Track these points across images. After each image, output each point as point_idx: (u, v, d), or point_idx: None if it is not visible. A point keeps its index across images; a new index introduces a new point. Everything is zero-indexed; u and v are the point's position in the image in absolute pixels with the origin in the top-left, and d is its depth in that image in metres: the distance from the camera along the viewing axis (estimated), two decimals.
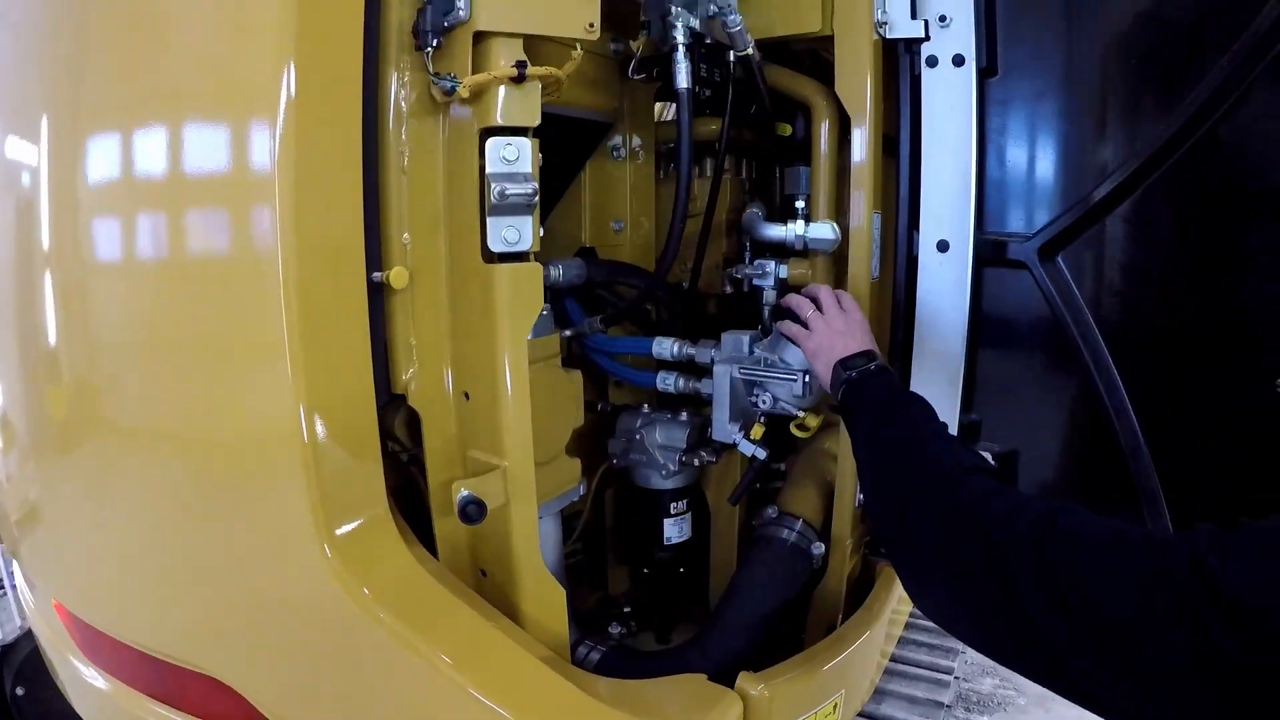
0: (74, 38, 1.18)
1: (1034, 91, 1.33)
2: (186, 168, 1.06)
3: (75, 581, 1.41)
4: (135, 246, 1.12)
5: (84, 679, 1.42)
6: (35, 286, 1.22)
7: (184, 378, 1.12)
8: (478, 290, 1.18)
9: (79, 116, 1.16)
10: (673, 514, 1.61)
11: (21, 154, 1.23)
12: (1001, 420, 1.44)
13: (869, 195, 1.41)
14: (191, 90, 1.07)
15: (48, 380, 1.27)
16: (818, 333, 1.30)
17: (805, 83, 1.49)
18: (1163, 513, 1.27)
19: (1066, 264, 1.33)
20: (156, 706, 1.29)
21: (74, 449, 1.29)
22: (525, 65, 1.10)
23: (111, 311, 1.17)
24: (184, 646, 1.23)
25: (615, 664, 1.40)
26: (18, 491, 1.50)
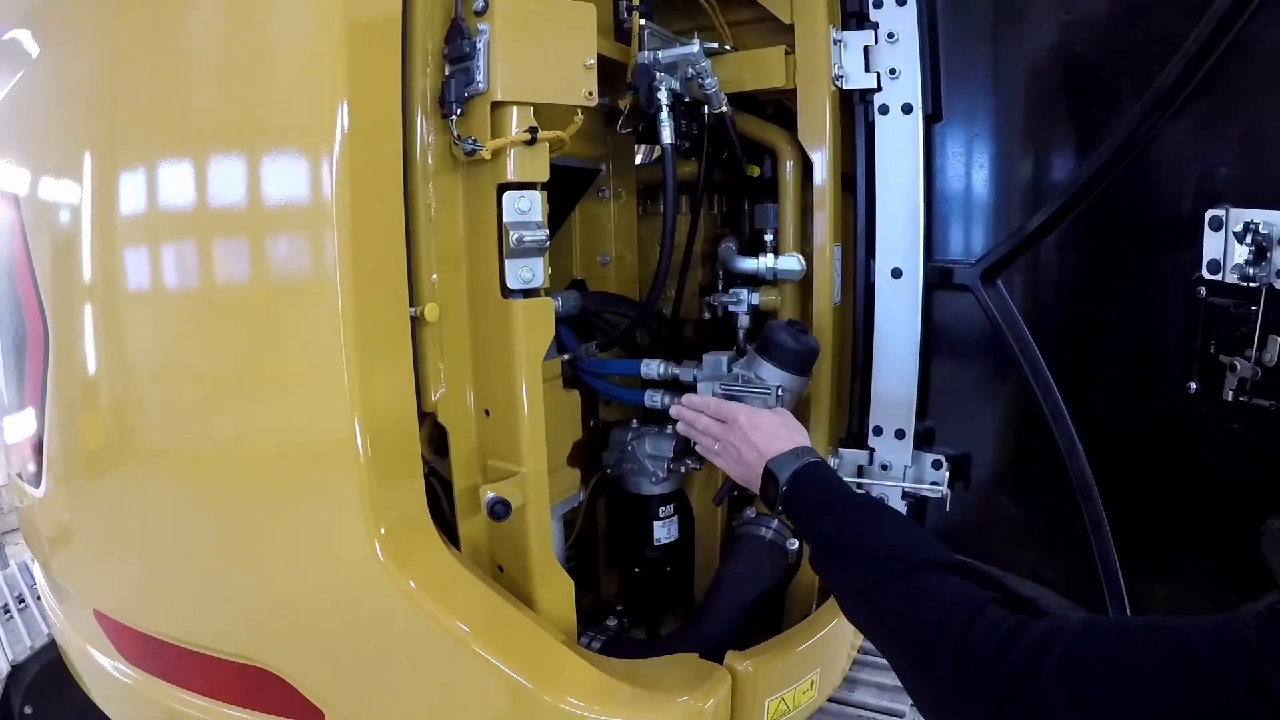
0: (152, 81, 1.39)
1: (974, 134, 1.59)
2: (249, 204, 1.27)
3: (125, 589, 1.61)
4: (212, 278, 1.33)
5: (124, 682, 1.62)
6: (123, 314, 1.42)
7: (250, 396, 1.34)
8: (497, 322, 1.42)
9: (165, 154, 1.36)
10: (661, 517, 1.85)
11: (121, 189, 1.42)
12: (953, 426, 1.70)
13: (830, 229, 1.67)
14: (253, 129, 1.29)
15: (120, 401, 1.47)
16: (729, 448, 1.46)
17: (771, 130, 1.75)
18: (1096, 501, 1.52)
19: (1005, 286, 1.59)
20: (203, 701, 1.50)
21: (140, 466, 1.50)
22: (536, 130, 1.34)
23: (186, 337, 1.38)
24: (237, 641, 1.44)
25: (615, 651, 1.62)
26: (58, 510, 1.69)
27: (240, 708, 1.44)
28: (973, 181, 1.61)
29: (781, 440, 1.39)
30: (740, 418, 1.45)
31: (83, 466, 1.60)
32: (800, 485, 1.30)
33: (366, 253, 1.24)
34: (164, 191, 1.33)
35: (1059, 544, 1.58)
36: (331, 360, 1.23)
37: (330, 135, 1.19)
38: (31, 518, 1.82)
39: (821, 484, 1.31)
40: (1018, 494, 1.67)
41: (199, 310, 1.35)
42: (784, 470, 1.33)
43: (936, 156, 1.63)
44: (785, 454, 1.35)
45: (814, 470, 1.32)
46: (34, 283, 1.52)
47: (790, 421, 1.46)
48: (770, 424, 1.43)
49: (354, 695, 1.40)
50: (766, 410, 1.48)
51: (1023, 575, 1.62)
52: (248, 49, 1.28)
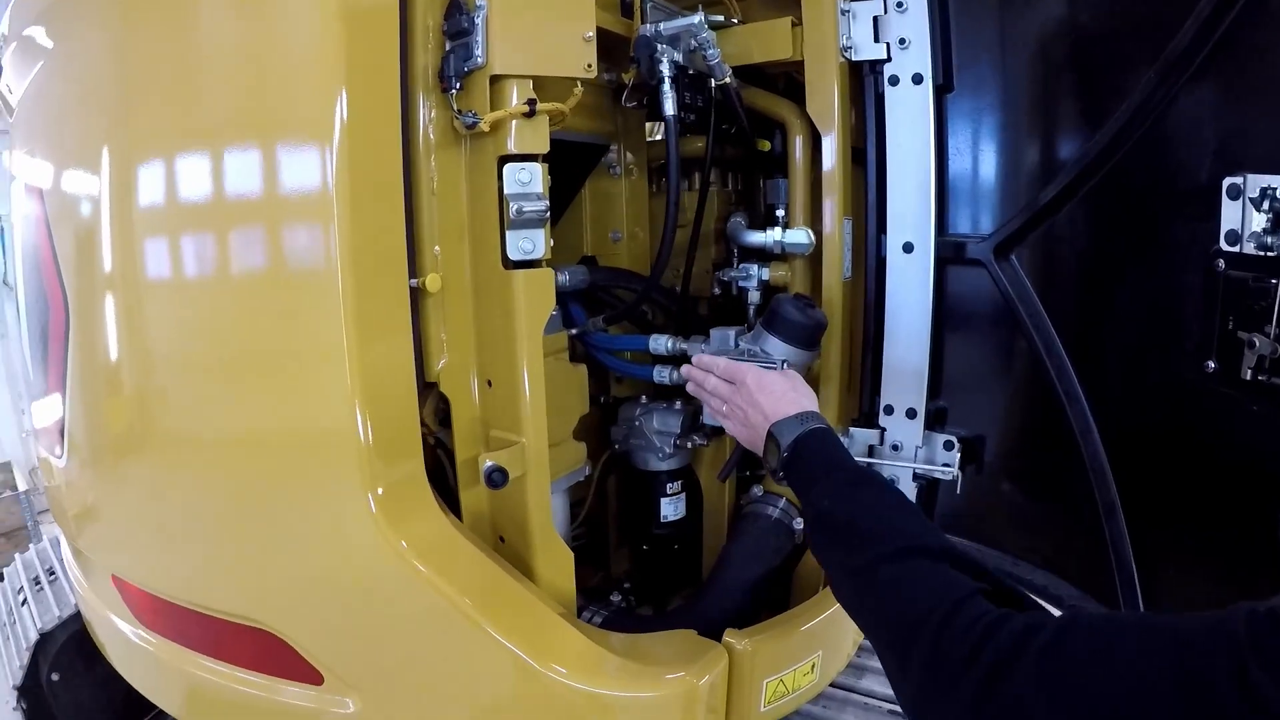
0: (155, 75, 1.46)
1: (985, 105, 1.58)
2: (252, 190, 1.34)
3: (138, 555, 1.70)
4: (217, 261, 1.40)
5: (140, 646, 1.71)
6: (132, 298, 1.50)
7: (255, 368, 1.40)
8: (498, 293, 1.46)
9: (168, 146, 1.43)
10: (669, 494, 1.88)
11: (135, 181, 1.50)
12: (966, 406, 1.69)
13: (839, 203, 1.68)
14: (255, 120, 1.34)
15: (131, 380, 1.55)
16: (736, 410, 1.46)
17: (780, 103, 1.76)
18: (1110, 485, 1.50)
19: (1019, 261, 1.58)
20: (213, 664, 1.57)
21: (149, 439, 1.58)
22: (535, 103, 1.37)
23: (193, 317, 1.45)
24: (241, 603, 1.51)
25: (615, 626, 1.66)
26: (77, 482, 1.79)
27: (246, 669, 1.51)
28: (985, 153, 1.60)
29: (788, 404, 1.37)
30: (748, 379, 1.44)
31: (98, 441, 1.70)
32: (801, 452, 1.29)
33: (366, 233, 1.29)
34: (170, 180, 1.40)
35: (1071, 530, 1.56)
36: (332, 332, 1.28)
37: (330, 122, 1.24)
38: (56, 491, 1.92)
39: (821, 452, 1.29)
40: (1030, 477, 1.66)
41: (206, 291, 1.42)
42: (786, 435, 1.31)
43: (948, 128, 1.61)
44: (790, 418, 1.34)
45: (816, 437, 1.30)
46: (57, 270, 1.60)
47: (799, 385, 1.44)
48: (778, 386, 1.42)
49: (351, 659, 1.45)
50: (775, 372, 1.46)
51: (1034, 562, 1.61)
52: (248, 38, 1.34)
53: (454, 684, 1.42)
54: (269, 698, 1.49)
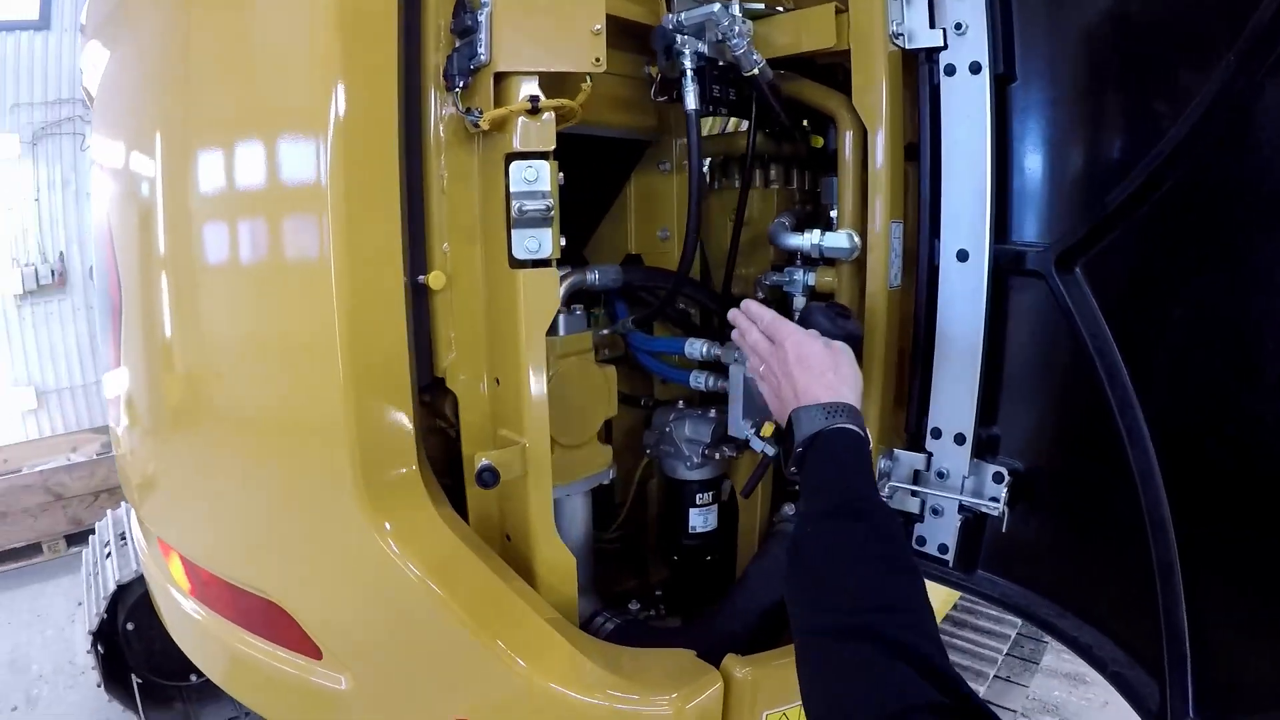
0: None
1: (1050, 97, 1.42)
2: (251, 184, 1.45)
3: (175, 524, 1.89)
4: (228, 254, 1.52)
5: (180, 607, 1.89)
6: (148, 288, 1.66)
7: (256, 359, 1.52)
8: (504, 291, 1.48)
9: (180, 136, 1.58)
10: (698, 504, 1.84)
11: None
12: (1020, 436, 1.53)
13: (887, 204, 1.56)
14: (254, 115, 1.45)
15: (160, 363, 1.73)
16: (771, 374, 1.33)
17: (829, 95, 1.66)
18: (1170, 542, 1.31)
19: (1084, 274, 1.41)
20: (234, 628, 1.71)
21: (175, 425, 1.75)
22: (538, 99, 1.38)
23: (212, 307, 1.59)
24: (248, 572, 1.64)
25: (625, 635, 1.65)
26: (133, 458, 1.99)
27: (261, 638, 1.63)
28: (1049, 151, 1.43)
29: (824, 387, 1.24)
30: (788, 342, 1.31)
31: (138, 414, 1.89)
32: (814, 452, 1.17)
33: (358, 228, 1.35)
34: (187, 173, 1.54)
35: (1125, 587, 1.37)
36: (324, 325, 1.36)
37: (324, 117, 1.30)
38: (120, 459, 2.17)
39: (831, 461, 1.15)
40: (1083, 522, 1.47)
41: (214, 280, 1.55)
42: (806, 426, 1.19)
43: (1009, 122, 1.46)
44: (817, 406, 1.21)
45: (835, 439, 1.17)
46: (114, 252, 1.80)
47: (843, 365, 1.30)
48: (819, 361, 1.28)
49: (343, 639, 1.54)
50: (818, 343, 1.31)
51: (1081, 616, 1.43)
52: (248, 37, 1.45)
53: (435, 676, 1.47)
54: (276, 665, 1.60)
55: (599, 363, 1.72)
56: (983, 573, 1.59)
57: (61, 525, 4.74)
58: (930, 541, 1.64)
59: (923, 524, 1.65)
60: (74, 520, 4.74)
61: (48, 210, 5.92)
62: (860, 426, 1.21)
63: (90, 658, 2.62)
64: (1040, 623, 1.49)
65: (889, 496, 1.65)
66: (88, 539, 3.21)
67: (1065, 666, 2.59)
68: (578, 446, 1.67)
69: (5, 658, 3.59)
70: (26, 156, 5.82)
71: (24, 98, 5.76)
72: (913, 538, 1.66)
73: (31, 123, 5.79)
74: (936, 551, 1.62)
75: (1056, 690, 2.84)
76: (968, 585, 1.60)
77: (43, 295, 5.92)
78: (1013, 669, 2.56)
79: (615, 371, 1.73)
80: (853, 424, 1.20)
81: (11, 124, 5.75)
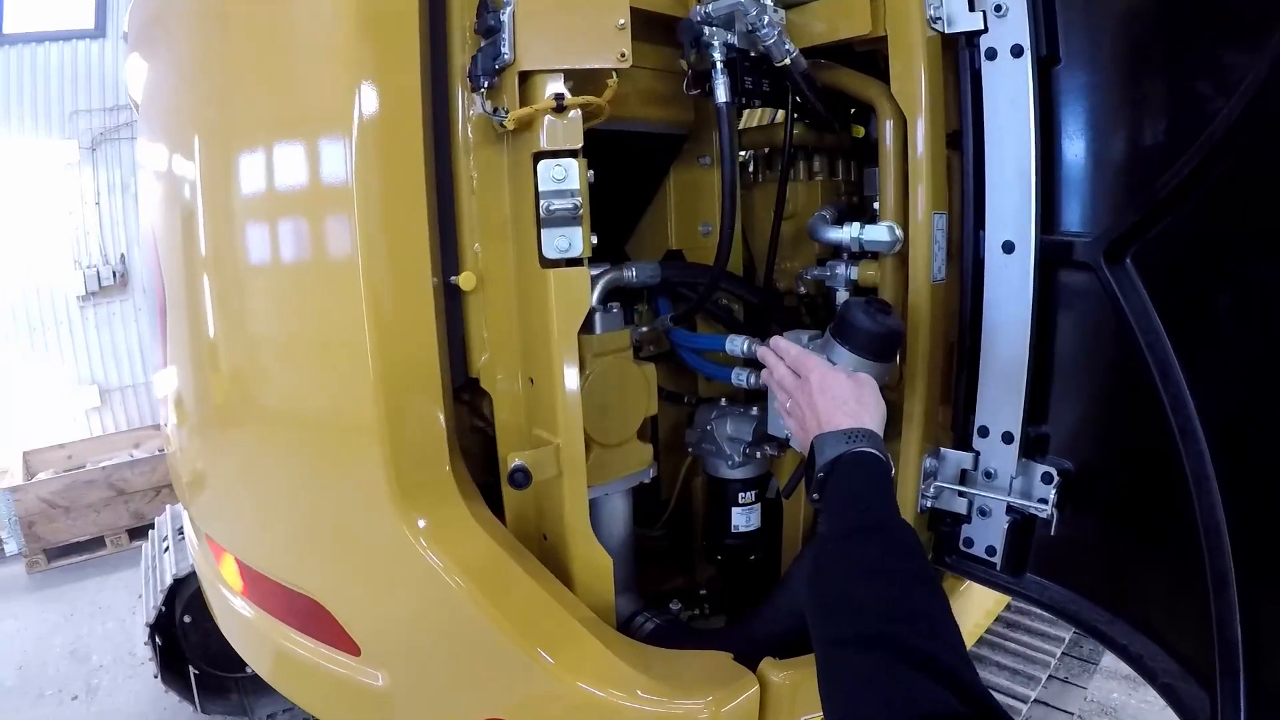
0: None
1: (1095, 80, 1.37)
2: (281, 185, 1.49)
3: (219, 521, 1.95)
4: (261, 257, 1.56)
5: (228, 603, 1.95)
6: (189, 289, 1.72)
7: (294, 360, 1.56)
8: (536, 291, 1.50)
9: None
10: (741, 504, 1.83)
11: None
12: (1069, 434, 1.49)
13: (929, 195, 1.53)
14: (282, 116, 1.48)
15: (198, 368, 1.79)
16: (796, 408, 1.36)
17: (868, 83, 1.63)
18: (1225, 550, 1.26)
19: (1134, 265, 1.36)
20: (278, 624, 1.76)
21: (217, 424, 1.81)
22: (563, 97, 1.38)
23: (245, 308, 1.63)
24: (290, 570, 1.68)
25: (664, 636, 1.65)
26: (185, 459, 2.06)
27: (303, 634, 1.67)
28: (1095, 136, 1.38)
29: (845, 415, 1.27)
30: (812, 376, 1.34)
31: (182, 413, 1.95)
32: (834, 475, 1.20)
33: (385, 228, 1.37)
34: (220, 175, 1.58)
35: (1177, 595, 1.33)
36: (354, 325, 1.38)
37: (348, 119, 1.33)
38: (171, 457, 2.25)
39: (851, 481, 1.18)
40: (1135, 526, 1.42)
41: (249, 280, 1.59)
42: (827, 451, 1.22)
43: (1053, 107, 1.42)
44: (838, 433, 1.24)
45: (855, 462, 1.20)
46: (157, 256, 1.86)
47: (865, 395, 1.33)
48: (841, 391, 1.31)
49: (380, 637, 1.57)
50: (842, 375, 1.35)
51: (1132, 624, 1.39)
52: (275, 42, 1.48)
53: (468, 675, 1.50)
54: (317, 661, 1.65)
55: (640, 360, 1.72)
56: (1031, 576, 1.55)
57: (124, 520, 4.93)
58: (978, 543, 1.61)
59: (970, 525, 1.62)
60: (136, 515, 4.93)
61: (108, 213, 6.13)
62: (881, 450, 1.22)
63: (148, 649, 2.73)
64: (1090, 629, 1.45)
65: (935, 497, 1.63)
66: (148, 533, 3.34)
67: (1125, 668, 2.52)
68: (616, 445, 1.68)
69: (67, 648, 3.74)
70: (86, 162, 6.04)
71: (82, 104, 5.97)
72: (960, 539, 1.64)
73: (91, 128, 6.00)
74: (984, 553, 1.59)
75: (1115, 692, 2.76)
76: (1016, 589, 1.56)
77: (105, 296, 6.14)
78: (1070, 670, 2.50)
79: (654, 369, 1.73)
80: (873, 448, 1.22)
81: (71, 130, 5.97)
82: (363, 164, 1.34)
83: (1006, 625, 2.52)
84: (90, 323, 6.19)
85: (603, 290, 1.66)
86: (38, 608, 4.23)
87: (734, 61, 1.51)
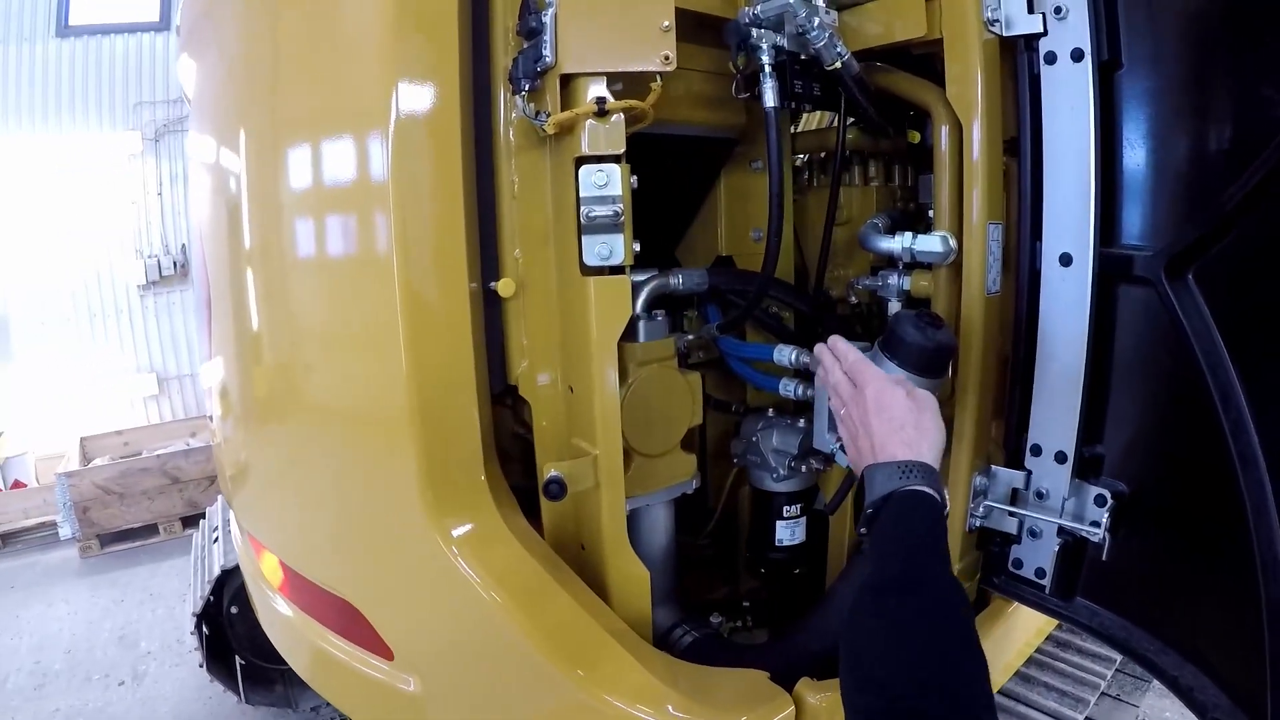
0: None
1: (1159, 85, 1.34)
2: (318, 183, 1.54)
3: (258, 518, 2.01)
4: (304, 250, 1.61)
5: (268, 599, 2.01)
6: (234, 285, 1.78)
7: (330, 360, 1.61)
8: (576, 299, 1.51)
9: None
10: (785, 517, 1.83)
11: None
12: (1125, 456, 1.46)
13: (984, 204, 1.51)
14: (321, 116, 1.53)
15: (239, 363, 1.86)
16: (849, 420, 1.29)
17: (923, 87, 1.61)
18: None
19: (1197, 282, 1.33)
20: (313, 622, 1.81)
21: (256, 420, 1.87)
22: (605, 101, 1.40)
23: (277, 302, 1.69)
24: (326, 573, 1.73)
25: (702, 649, 1.66)
26: (226, 454, 2.13)
27: (342, 637, 1.72)
28: (1159, 145, 1.36)
29: (900, 441, 1.21)
30: (870, 389, 1.27)
31: (224, 411, 2.03)
32: (884, 514, 1.14)
33: (422, 226, 1.40)
34: (259, 172, 1.64)
35: (1231, 627, 1.30)
36: (389, 328, 1.42)
37: (386, 117, 1.36)
38: (216, 450, 2.33)
39: (900, 525, 1.12)
40: (1190, 553, 1.39)
41: (291, 280, 1.64)
42: (878, 486, 1.17)
43: (1115, 113, 1.39)
44: (892, 465, 1.18)
45: (906, 503, 1.14)
46: (203, 251, 1.94)
47: (925, 417, 1.25)
48: (899, 412, 1.24)
49: (412, 642, 1.61)
50: (900, 391, 1.27)
51: (1184, 654, 1.36)
52: (314, 38, 1.52)
53: (496, 684, 1.52)
54: (352, 664, 1.69)
55: (687, 368, 1.73)
56: (1081, 600, 1.53)
57: (178, 508, 5.12)
58: (1027, 565, 1.59)
59: (1019, 546, 1.60)
60: (190, 503, 5.11)
61: (170, 204, 6.37)
62: (936, 489, 1.16)
63: (194, 638, 2.82)
64: (1139, 658, 1.43)
65: (984, 517, 1.61)
66: (199, 522, 3.46)
67: None
68: (659, 456, 1.68)
69: (116, 633, 3.90)
70: (149, 153, 6.28)
71: (146, 96, 6.22)
72: (1009, 559, 1.62)
73: (154, 120, 6.24)
74: (1033, 575, 1.58)
75: (1169, 711, 2.69)
76: (1065, 613, 1.54)
77: (165, 286, 6.38)
78: (1123, 686, 2.45)
79: (700, 378, 1.73)
80: (927, 486, 1.16)
81: (135, 121, 6.21)
82: (399, 163, 1.37)
83: (1057, 644, 2.48)
84: (150, 311, 6.43)
85: (647, 297, 1.66)
86: (89, 592, 4.41)
87: (783, 64, 1.50)
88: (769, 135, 1.51)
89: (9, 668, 3.63)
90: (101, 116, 6.17)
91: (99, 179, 6.21)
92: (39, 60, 6.02)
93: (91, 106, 6.14)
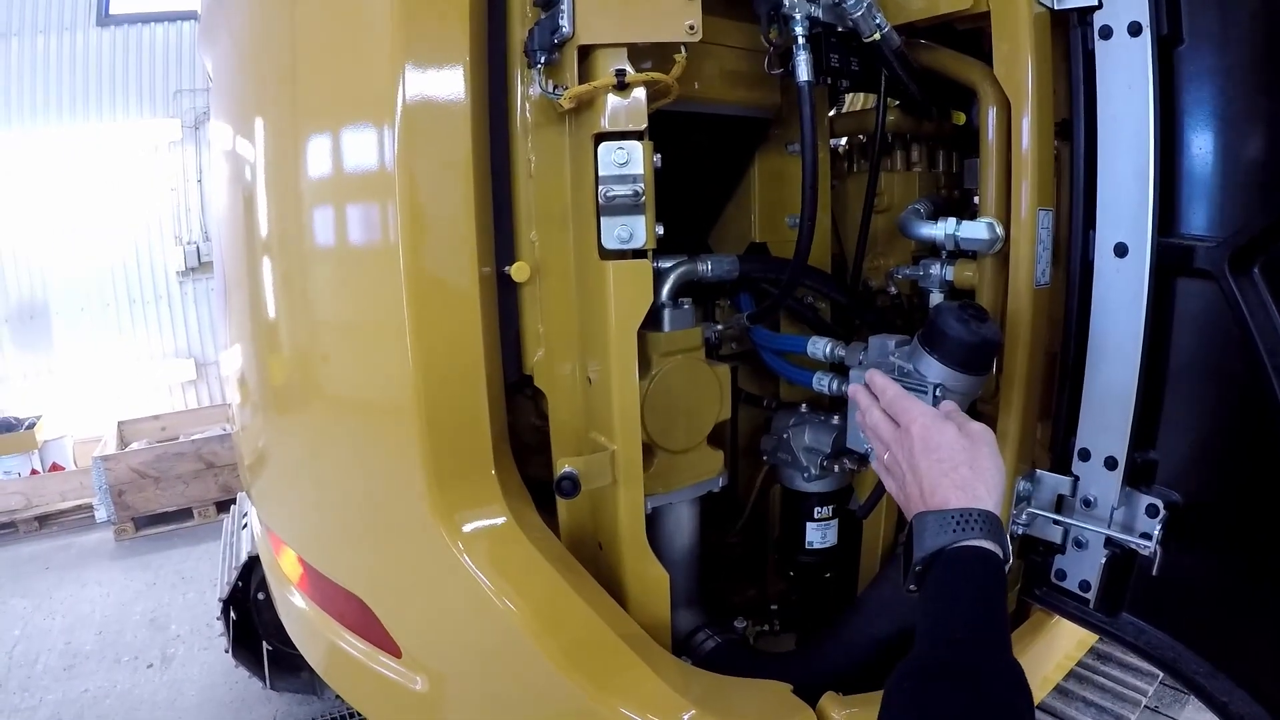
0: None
1: (1223, 63, 1.25)
2: (327, 169, 1.52)
3: (271, 506, 2.01)
4: (312, 238, 1.58)
5: (283, 590, 2.01)
6: (249, 273, 1.77)
7: (338, 350, 1.59)
8: (595, 284, 1.47)
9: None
10: (816, 519, 1.78)
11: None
12: (1180, 464, 1.38)
13: (1034, 190, 1.44)
14: (330, 99, 1.51)
15: (253, 351, 1.85)
16: (895, 464, 1.17)
17: (969, 65, 1.54)
18: None
19: (1263, 276, 1.24)
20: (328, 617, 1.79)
21: (267, 410, 1.87)
22: (624, 74, 1.34)
23: (285, 290, 1.68)
24: (337, 568, 1.71)
25: (724, 656, 1.61)
26: (243, 444, 2.12)
27: (354, 633, 1.70)
28: (1223, 127, 1.27)
29: (953, 484, 1.08)
30: (914, 427, 1.15)
31: (240, 400, 2.03)
32: (933, 573, 1.02)
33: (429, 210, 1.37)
34: (266, 160, 1.63)
35: None
36: (394, 316, 1.39)
37: (391, 99, 1.32)
38: (235, 437, 2.34)
39: (949, 593, 1.01)
40: (1245, 569, 1.30)
41: (299, 268, 1.62)
42: (929, 540, 1.04)
43: (1176, 93, 1.30)
44: (944, 515, 1.05)
45: (956, 564, 1.01)
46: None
47: (981, 456, 1.11)
48: (950, 450, 1.11)
49: (420, 641, 1.58)
50: (953, 425, 1.14)
51: (1235, 679, 1.28)
52: (323, 25, 1.50)
53: (502, 687, 1.49)
54: (362, 660, 1.67)
55: (716, 360, 1.67)
56: (1127, 617, 1.45)
57: (212, 492, 5.20)
58: (1071, 576, 1.51)
59: (1063, 556, 1.53)
60: (224, 488, 5.18)
61: (209, 191, 6.47)
62: (998, 541, 1.04)
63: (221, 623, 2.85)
64: (1187, 682, 1.35)
65: (1027, 524, 1.53)
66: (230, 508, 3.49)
67: None
68: (683, 451, 1.63)
69: (147, 616, 3.96)
70: (189, 140, 6.38)
71: (185, 84, 6.33)
72: (1051, 570, 1.54)
73: (194, 108, 6.33)
74: (1077, 588, 1.50)
75: None
76: (1109, 629, 1.46)
77: (203, 272, 6.48)
78: (1162, 699, 2.35)
79: (729, 370, 1.68)
80: (986, 539, 1.02)
81: (175, 109, 6.32)
82: (405, 144, 1.33)
83: (1097, 656, 2.39)
84: (189, 297, 6.55)
85: (674, 284, 1.62)
86: (122, 575, 4.50)
87: (818, 37, 1.44)
88: (803, 112, 1.45)
89: (41, 647, 3.71)
90: (142, 104, 6.29)
91: (139, 166, 6.33)
92: (80, 50, 6.16)
93: (132, 94, 6.27)
